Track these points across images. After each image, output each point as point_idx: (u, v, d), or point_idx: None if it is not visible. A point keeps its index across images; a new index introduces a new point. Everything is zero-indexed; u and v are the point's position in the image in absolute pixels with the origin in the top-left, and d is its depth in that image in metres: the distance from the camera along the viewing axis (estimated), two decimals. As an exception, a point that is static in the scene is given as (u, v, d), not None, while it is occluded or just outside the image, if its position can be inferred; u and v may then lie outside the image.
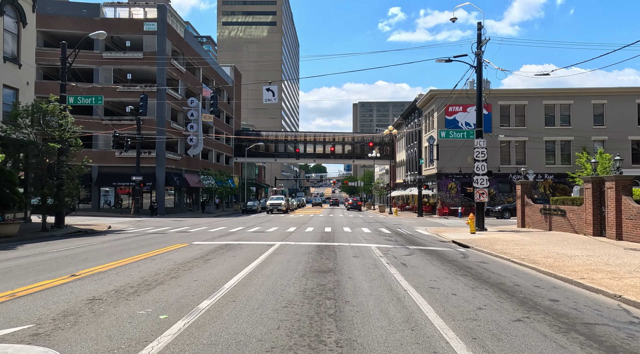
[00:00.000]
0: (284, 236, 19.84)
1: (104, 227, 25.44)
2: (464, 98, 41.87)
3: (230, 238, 18.86)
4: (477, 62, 23.55)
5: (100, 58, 45.64)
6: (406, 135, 64.40)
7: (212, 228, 24.97)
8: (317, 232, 22.42)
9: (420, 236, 21.09)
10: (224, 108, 69.50)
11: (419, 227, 27.75)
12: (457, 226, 29.35)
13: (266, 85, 22.73)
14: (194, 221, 32.76)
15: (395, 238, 19.92)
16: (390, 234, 22.01)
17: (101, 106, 46.66)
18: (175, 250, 14.27)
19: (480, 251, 15.35)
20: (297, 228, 25.67)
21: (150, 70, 46.65)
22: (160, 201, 45.97)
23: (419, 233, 23.34)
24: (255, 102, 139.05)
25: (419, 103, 51.60)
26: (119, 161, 45.96)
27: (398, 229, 25.76)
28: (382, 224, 30.65)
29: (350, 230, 24.52)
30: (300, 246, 15.64)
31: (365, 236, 20.21)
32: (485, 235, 20.85)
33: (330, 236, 20.16)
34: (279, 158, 77.49)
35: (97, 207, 46.00)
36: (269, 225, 28.96)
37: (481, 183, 23.36)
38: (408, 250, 15.08)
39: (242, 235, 20.15)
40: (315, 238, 19.02)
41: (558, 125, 45.26)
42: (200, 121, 52.56)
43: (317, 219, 37.26)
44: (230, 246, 15.34)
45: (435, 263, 12.27)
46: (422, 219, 39.20)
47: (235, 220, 36.45)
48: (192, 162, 54.58)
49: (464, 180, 45.66)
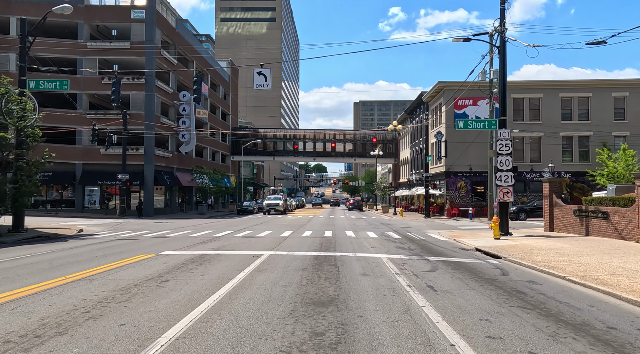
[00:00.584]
0: (276, 243, 16.73)
1: (74, 231, 22.34)
2: (475, 91, 38.82)
3: (211, 245, 15.76)
4: (499, 40, 20.46)
5: (85, 47, 42.57)
6: (410, 132, 61.29)
7: (197, 232, 21.88)
8: (315, 237, 19.31)
9: (436, 243, 17.98)
10: (220, 104, 66.43)
11: (430, 230, 24.64)
12: (473, 229, 26.23)
13: (257, 68, 19.74)
14: (180, 224, 29.67)
15: (408, 245, 16.80)
16: (401, 240, 18.90)
17: (85, 100, 43.67)
18: (132, 265, 11.16)
19: (519, 265, 12.25)
20: (293, 231, 22.57)
21: (138, 61, 43.56)
22: (149, 202, 42.88)
23: (433, 238, 20.23)
24: (254, 99, 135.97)
25: (425, 97, 48.48)
26: (105, 158, 42.89)
27: (408, 233, 22.65)
28: (389, 227, 27.54)
29: (354, 234, 21.42)
30: (293, 257, 12.54)
31: (373, 243, 17.09)
32: (512, 241, 17.75)
33: (330, 243, 17.05)
34: (278, 157, 74.43)
35: (82, 208, 42.93)
36: (262, 228, 25.85)
37: (505, 181, 20.25)
38: (429, 263, 11.97)
39: (226, 242, 17.05)
40: (313, 245, 15.91)
41: (576, 120, 42.14)
42: (193, 116, 49.49)
43: (317, 221, 34.16)
44: (206, 259, 12.23)
45: (471, 283, 9.17)
46: (430, 221, 36.08)
47: (227, 221, 33.37)
48: (184, 160, 51.49)
49: (475, 178, 42.57)
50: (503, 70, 20.55)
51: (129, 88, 42.78)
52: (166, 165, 46.63)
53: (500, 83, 20.62)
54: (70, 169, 42.61)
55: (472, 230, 24.91)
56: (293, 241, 17.49)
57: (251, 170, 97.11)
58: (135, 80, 42.72)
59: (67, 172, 42.47)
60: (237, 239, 18.13)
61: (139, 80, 42.68)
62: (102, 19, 43.57)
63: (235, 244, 16.12)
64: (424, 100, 49.55)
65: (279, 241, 17.18)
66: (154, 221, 32.03)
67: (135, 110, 42.85)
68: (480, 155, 41.61)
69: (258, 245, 15.72)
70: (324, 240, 18.19)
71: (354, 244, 16.57)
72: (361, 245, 16.42)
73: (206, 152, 60.67)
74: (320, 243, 16.87)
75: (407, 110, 59.37)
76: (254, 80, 20.62)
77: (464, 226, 29.21)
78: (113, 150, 42.39)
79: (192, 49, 53.69)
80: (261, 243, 16.43)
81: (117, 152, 41.56)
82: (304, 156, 75.00)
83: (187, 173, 51.17)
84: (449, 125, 42.55)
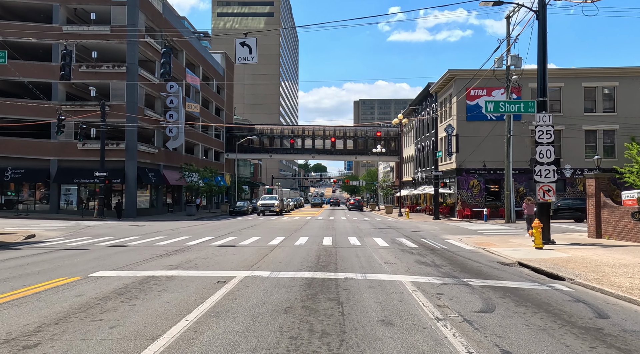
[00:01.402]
0: (260, 256, 12.92)
1: (20, 237, 18.50)
2: (490, 81, 35.02)
3: (171, 260, 11.94)
4: (538, 3, 16.61)
5: (60, 32, 38.69)
6: (416, 127, 57.46)
7: (168, 239, 18.07)
8: (311, 246, 15.49)
9: (464, 254, 14.18)
10: (214, 98, 62.62)
11: (447, 236, 20.84)
12: (496, 233, 22.41)
13: (241, 38, 16.06)
14: (158, 227, 25.84)
15: (431, 258, 12.99)
16: (419, 250, 15.09)
17: (61, 90, 39.82)
18: (24, 299, 7.34)
19: (602, 292, 8.47)
20: (285, 238, 18.76)
21: (119, 48, 39.73)
22: (131, 202, 39.04)
23: (456, 246, 16.43)
24: (252, 97, 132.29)
25: (434, 88, 44.65)
26: (83, 154, 39.05)
27: (423, 239, 18.84)
28: (398, 231, 23.71)
29: (359, 241, 17.59)
30: (276, 283, 8.72)
31: (385, 255, 13.28)
32: (561, 252, 13.96)
33: (330, 255, 13.24)
34: (275, 154, 70.53)
35: (57, 208, 39.10)
36: (251, 232, 22.03)
37: (546, 176, 16.46)
38: (474, 293, 8.16)
39: (195, 254, 13.22)
40: (307, 260, 12.09)
41: (600, 112, 38.34)
42: (181, 109, 45.68)
43: (315, 223, 30.34)
44: (146, 287, 8.40)
45: (568, 340, 5.37)
46: (442, 223, 32.27)
47: (214, 224, 29.55)
48: (172, 157, 47.65)
49: (489, 176, 38.77)
50: (543, 39, 16.72)
51: (108, 77, 39.00)
52: (152, 162, 42.80)
53: (540, 55, 16.82)
54: (45, 166, 38.79)
55: (498, 235, 21.10)
56: (282, 253, 13.66)
57: (248, 169, 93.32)
58: (116, 68, 38.88)
59: (40, 168, 38.67)
60: (211, 250, 14.29)
61: (119, 69, 38.84)
62: (80, 1, 39.74)
63: (205, 258, 12.28)
64: (432, 91, 45.71)
65: (264, 253, 13.36)
66: (129, 224, 28.20)
67: (116, 101, 39.02)
68: (495, 150, 37.83)
69: (234, 260, 11.89)
70: (322, 250, 14.36)
71: (361, 257, 12.74)
72: (370, 258, 12.60)
73: (198, 149, 56.84)
74: (316, 255, 13.04)
75: (413, 102, 55.45)
76: (236, 53, 16.86)
77: (484, 229, 25.38)
78: (92, 145, 38.62)
79: (181, 36, 49.83)
80: (239, 257, 12.60)
81: (96, 147, 37.78)
82: (302, 153, 71.16)
83: (175, 171, 47.36)
84: (460, 118, 38.78)
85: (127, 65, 38.87)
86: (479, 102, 38.74)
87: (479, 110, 38.69)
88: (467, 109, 38.72)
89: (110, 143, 38.86)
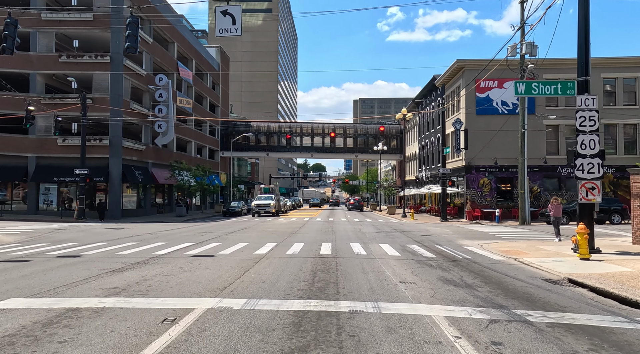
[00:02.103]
0: (238, 272, 10.13)
1: (-35, 244, 15.73)
2: (501, 71, 32.26)
3: (120, 279, 9.15)
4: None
5: (39, 19, 35.90)
6: (419, 124, 54.71)
7: (139, 246, 15.30)
8: (306, 257, 12.73)
9: (496, 266, 11.42)
10: (208, 94, 59.82)
11: (464, 241, 18.07)
12: (518, 237, 19.63)
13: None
14: (138, 230, 23.05)
15: (458, 273, 10.21)
16: (437, 260, 12.32)
17: (40, 81, 37.01)
18: None
19: None
20: (277, 244, 15.99)
21: (102, 37, 36.96)
22: (115, 202, 36.25)
23: (480, 255, 13.67)
24: (249, 95, 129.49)
25: (440, 80, 41.86)
26: (63, 150, 36.27)
27: (438, 246, 16.07)
28: (406, 235, 20.93)
29: (364, 249, 14.82)
30: (249, 325, 5.91)
31: (398, 270, 10.50)
32: (617, 265, 11.21)
33: (329, 270, 10.46)
34: (272, 152, 67.75)
35: (35, 209, 36.30)
36: (239, 237, 19.25)
37: (590, 171, 13.70)
38: (547, 339, 5.40)
39: (157, 269, 10.43)
40: (298, 279, 9.29)
41: (620, 105, 35.60)
42: (171, 104, 42.91)
43: (313, 226, 27.55)
44: (43, 336, 5.56)
45: None
46: (452, 225, 29.50)
47: (201, 227, 26.76)
48: (162, 154, 44.86)
49: (500, 174, 36.01)
50: (585, 5, 13.90)
51: (91, 67, 36.21)
52: (139, 160, 40.01)
53: (581, 24, 14.01)
54: (22, 163, 36.01)
55: (522, 240, 18.33)
56: (269, 266, 10.87)
57: (245, 169, 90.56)
58: (99, 58, 36.07)
59: (17, 166, 35.89)
60: (180, 262, 11.49)
61: (103, 59, 36.03)
62: (60, -14, 36.98)
63: (166, 276, 9.47)
64: (438, 84, 42.93)
65: (246, 268, 10.57)
66: (106, 227, 25.39)
67: (99, 94, 36.24)
68: (507, 146, 35.09)
69: (203, 279, 9.08)
70: (320, 263, 11.57)
71: (369, 273, 9.95)
72: (381, 275, 9.81)
73: (191, 146, 54.03)
74: (312, 270, 10.25)
75: (417, 97, 52.56)
76: (217, 24, 14.11)
77: (501, 233, 22.60)
78: (73, 141, 35.84)
79: (172, 28, 47.06)
80: (212, 274, 9.80)
81: (77, 143, 34.95)
82: (300, 151, 68.38)
83: (165, 169, 44.55)
84: (470, 111, 36.02)
85: (111, 55, 36.07)
86: (490, 95, 36.01)
87: (489, 103, 35.99)
88: (477, 102, 35.97)
89: (92, 138, 36.10)
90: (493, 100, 36.00)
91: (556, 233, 18.52)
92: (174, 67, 47.22)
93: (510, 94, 35.79)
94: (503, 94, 35.79)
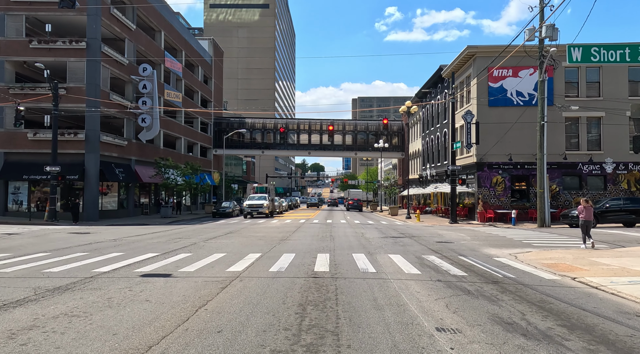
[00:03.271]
0: (191, 307, 6.84)
1: None
2: (517, 59, 29.10)
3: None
4: None
5: (7, 0, 32.59)
6: (423, 119, 51.50)
7: (92, 257, 12.07)
8: (295, 277, 9.47)
9: (557, 293, 8.21)
10: (199, 88, 56.55)
11: (491, 250, 14.85)
12: (549, 244, 16.41)
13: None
14: (106, 234, 19.75)
15: (516, 308, 6.95)
16: (472, 281, 9.08)
17: (9, 69, 33.69)
18: None
19: None
20: (261, 255, 12.75)
21: (78, 21, 33.66)
22: (92, 202, 32.95)
23: (524, 272, 10.43)
24: (245, 92, 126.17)
25: (447, 70, 38.60)
26: (34, 145, 32.99)
27: (462, 257, 12.84)
28: (417, 241, 17.67)
29: (370, 263, 11.58)
30: None
31: (427, 302, 7.24)
32: None
33: (326, 302, 7.20)
34: (267, 150, 64.43)
35: (3, 209, 33.00)
36: (218, 245, 15.98)
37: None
38: None
39: (75, 302, 7.13)
40: (276, 324, 6.00)
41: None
42: (156, 96, 39.60)
43: (308, 230, 24.27)
44: None
45: None
46: (464, 228, 26.28)
47: (181, 230, 23.47)
48: (147, 151, 41.56)
49: (515, 171, 32.81)
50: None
51: (65, 54, 32.92)
52: (120, 156, 36.72)
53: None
54: None
55: (558, 248, 15.10)
56: (238, 297, 7.55)
57: (240, 167, 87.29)
58: (74, 43, 32.74)
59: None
60: (117, 288, 8.19)
61: (78, 44, 32.71)
62: (31, -35, 33.61)
63: (71, 319, 6.14)
64: (445, 74, 39.67)
65: (203, 301, 7.26)
66: (70, 231, 22.07)
67: (74, 83, 32.93)
68: (523, 140, 31.98)
69: (122, 329, 5.71)
70: (312, 289, 8.29)
71: (385, 310, 6.68)
72: (404, 313, 6.54)
73: (181, 143, 50.77)
74: (300, 305, 6.96)
75: (424, 87, 49.12)
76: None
77: (527, 238, 19.36)
78: (44, 135, 32.58)
79: (158, 15, 43.76)
80: (145, 315, 6.48)
81: (50, 137, 31.64)
82: (297, 149, 65.08)
83: (151, 167, 41.25)
84: (482, 102, 32.82)
85: (87, 41, 32.75)
86: (504, 84, 32.80)
87: (503, 93, 32.78)
88: (490, 92, 32.77)
89: (67, 132, 32.80)
90: (507, 90, 32.78)
91: (584, 239, 15.64)
92: (160, 58, 43.94)
93: (527, 83, 32.65)
94: (518, 84, 32.58)
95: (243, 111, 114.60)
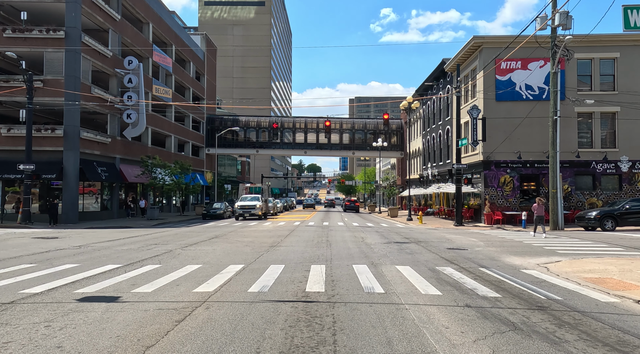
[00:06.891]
0: (132, 352, 4.67)
1: None
2: (526, 51, 27.06)
3: None
4: None
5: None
6: (423, 117, 49.42)
7: (35, 271, 9.89)
8: (280, 300, 7.31)
9: (629, 326, 6.00)
10: (191, 85, 54.29)
11: (513, 258, 12.70)
12: (576, 250, 14.26)
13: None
14: (75, 240, 17.51)
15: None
16: (510, 306, 6.92)
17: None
18: None
19: None
20: (243, 268, 10.58)
21: (56, 8, 31.43)
22: (71, 203, 30.66)
23: (571, 292, 8.27)
24: (241, 91, 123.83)
25: (451, 63, 36.50)
26: (8, 142, 30.73)
27: (484, 269, 10.69)
28: (426, 248, 15.51)
29: (377, 280, 9.41)
30: None
31: (461, 346, 5.05)
32: None
33: (319, 346, 5.00)
34: (262, 149, 62.24)
35: (-24, 211, 30.63)
36: (196, 253, 13.77)
37: None
38: None
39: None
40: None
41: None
42: (142, 90, 37.33)
43: (303, 234, 22.07)
44: None
45: None
46: (471, 231, 24.14)
47: (162, 235, 21.23)
48: (133, 149, 39.29)
49: (524, 170, 30.72)
50: None
51: (42, 44, 30.64)
52: (103, 154, 34.46)
53: None
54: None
55: (591, 256, 12.95)
56: (194, 341, 5.36)
57: (235, 167, 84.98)
58: (52, 33, 30.46)
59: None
60: (34, 321, 5.96)
61: (56, 34, 30.44)
62: (6, -51, 31.34)
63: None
64: (448, 68, 37.58)
65: (138, 350, 5.09)
66: (36, 236, 19.79)
67: (52, 76, 30.65)
68: (532, 137, 29.95)
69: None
70: (302, 323, 6.10)
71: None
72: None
73: (171, 142, 48.49)
74: (282, 352, 4.80)
75: (425, 81, 46.95)
76: None
77: (546, 244, 17.20)
78: (20, 131, 30.33)
79: (146, 6, 41.50)
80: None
81: (25, 134, 29.35)
82: (293, 148, 62.91)
83: (137, 166, 38.99)
84: (489, 96, 30.73)
85: (65, 30, 30.49)
86: (512, 77, 30.73)
87: (511, 86, 30.70)
88: (497, 86, 30.69)
89: (43, 128, 30.52)
90: (516, 83, 30.70)
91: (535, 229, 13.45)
92: (148, 51, 41.68)
93: (537, 76, 30.58)
94: (528, 77, 30.50)
95: (237, 106, 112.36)
